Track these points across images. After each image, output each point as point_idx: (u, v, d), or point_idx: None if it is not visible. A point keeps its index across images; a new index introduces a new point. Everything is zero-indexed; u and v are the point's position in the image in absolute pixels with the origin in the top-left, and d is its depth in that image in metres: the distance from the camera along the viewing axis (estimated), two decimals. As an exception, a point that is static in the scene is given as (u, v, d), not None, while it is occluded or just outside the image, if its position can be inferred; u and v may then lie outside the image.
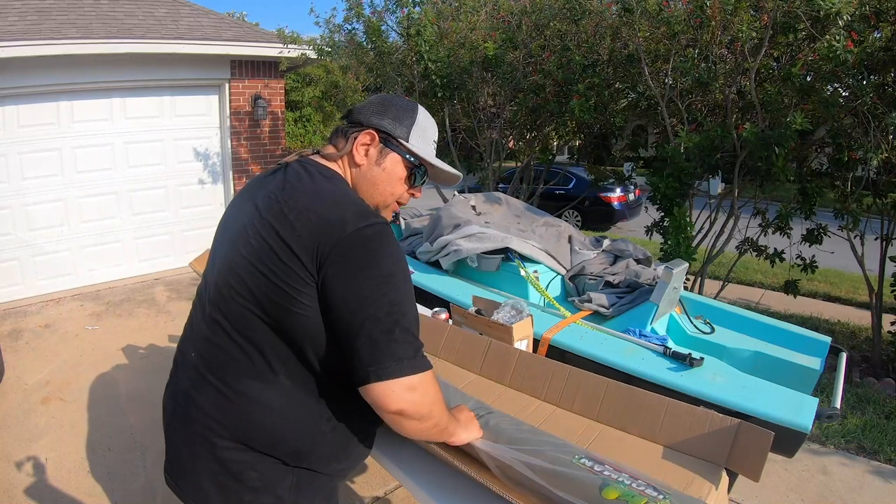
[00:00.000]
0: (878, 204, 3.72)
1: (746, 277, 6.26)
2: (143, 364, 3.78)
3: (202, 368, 1.06)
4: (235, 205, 1.16)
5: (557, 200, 8.72)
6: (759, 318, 2.62)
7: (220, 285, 1.06)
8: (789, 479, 2.67)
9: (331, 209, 0.99)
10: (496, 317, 1.97)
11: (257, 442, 1.02)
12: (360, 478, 2.57)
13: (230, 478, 1.03)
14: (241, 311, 1.01)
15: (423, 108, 1.19)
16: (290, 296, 0.96)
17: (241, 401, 1.02)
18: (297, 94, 14.86)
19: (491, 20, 4.95)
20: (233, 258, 1.04)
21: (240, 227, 1.06)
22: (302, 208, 0.99)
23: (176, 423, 1.10)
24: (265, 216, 1.01)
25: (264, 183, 1.11)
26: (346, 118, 1.19)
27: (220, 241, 1.14)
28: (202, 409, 1.04)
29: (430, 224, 3.18)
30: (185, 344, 1.15)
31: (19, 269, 4.96)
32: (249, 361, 1.02)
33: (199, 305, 1.14)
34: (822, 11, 2.94)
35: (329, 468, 1.11)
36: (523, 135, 5.44)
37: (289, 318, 0.98)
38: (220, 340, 1.04)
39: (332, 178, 1.09)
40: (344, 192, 1.07)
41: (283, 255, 0.96)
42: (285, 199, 1.02)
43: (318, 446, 1.06)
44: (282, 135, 6.34)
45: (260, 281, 0.98)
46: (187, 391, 1.07)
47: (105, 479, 2.58)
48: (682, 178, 3.63)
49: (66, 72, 4.76)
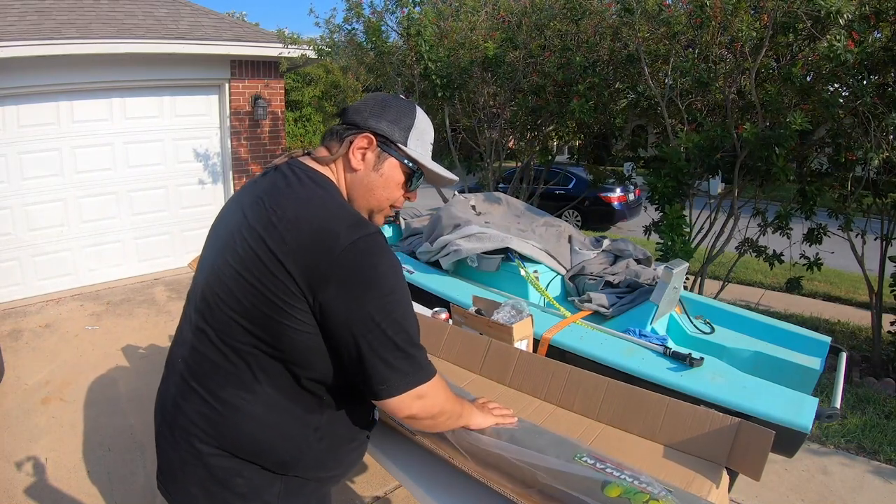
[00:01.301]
0: (878, 204, 3.72)
1: (746, 277, 6.26)
2: (143, 364, 3.78)
3: (187, 376, 1.04)
4: (226, 210, 1.14)
5: (557, 200, 8.72)
6: (759, 318, 2.62)
7: (207, 293, 1.03)
8: (789, 479, 2.67)
9: (322, 220, 0.96)
10: (496, 317, 1.97)
11: (242, 450, 1.01)
12: (360, 478, 2.57)
13: (217, 484, 1.02)
14: (227, 321, 0.99)
15: (420, 110, 1.15)
16: (280, 309, 0.94)
17: (226, 410, 1.00)
18: (298, 94, 14.87)
19: (491, 20, 4.95)
20: (220, 266, 1.01)
21: (227, 235, 1.03)
22: (292, 217, 0.96)
23: (164, 430, 1.08)
24: (253, 224, 0.98)
25: (254, 188, 1.09)
26: (340, 118, 1.14)
27: (209, 248, 1.11)
28: (188, 417, 1.03)
29: (430, 224, 3.18)
30: (174, 349, 1.13)
31: (19, 269, 4.96)
32: (234, 370, 1.00)
33: (187, 312, 1.12)
34: (823, 11, 2.93)
35: (318, 476, 1.09)
36: (523, 135, 5.45)
37: (278, 330, 0.96)
38: (206, 349, 1.02)
39: (321, 183, 1.04)
40: (334, 199, 1.03)
41: (272, 266, 0.94)
42: (273, 206, 0.99)
43: (304, 456, 1.05)
44: (282, 135, 6.34)
45: (247, 290, 0.96)
46: (174, 398, 1.06)
47: (105, 479, 2.58)
48: (679, 177, 3.63)
49: (65, 72, 4.76)
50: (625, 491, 1.01)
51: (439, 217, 3.10)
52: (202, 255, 1.14)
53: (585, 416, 1.47)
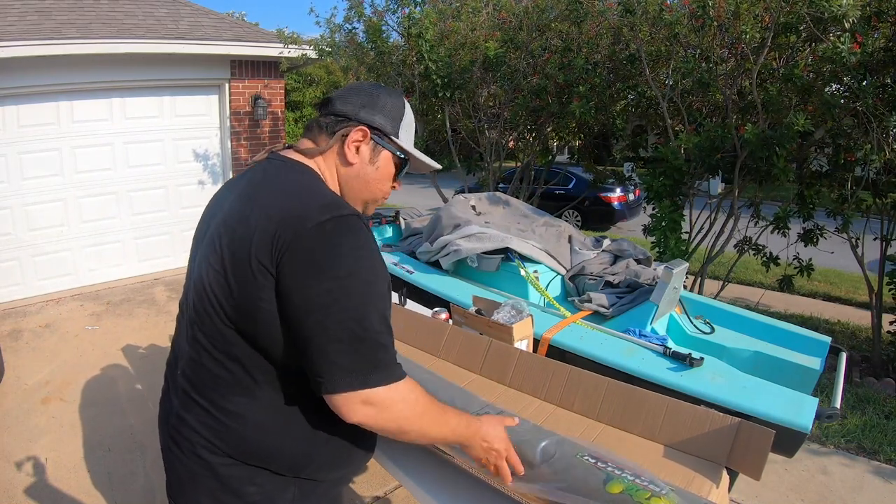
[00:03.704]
0: (878, 204, 3.72)
1: (746, 277, 6.26)
2: (143, 364, 3.78)
3: (188, 388, 1.03)
4: (209, 210, 1.12)
5: (557, 200, 8.72)
6: (759, 318, 2.62)
7: (195, 302, 1.01)
8: (789, 479, 2.67)
9: (293, 203, 0.93)
10: (496, 317, 1.97)
11: (252, 458, 1.00)
12: (361, 478, 2.57)
13: (230, 493, 1.00)
14: (216, 326, 0.97)
15: (405, 99, 1.14)
16: (254, 296, 0.91)
17: (230, 419, 0.99)
18: (298, 94, 14.90)
19: (492, 20, 4.95)
20: (204, 271, 0.99)
21: (210, 238, 1.01)
22: (265, 206, 0.94)
23: (170, 444, 1.07)
24: (229, 222, 0.97)
25: (232, 186, 1.07)
26: (325, 109, 1.09)
27: (193, 254, 1.09)
28: (194, 430, 1.01)
29: (430, 224, 3.18)
30: (172, 361, 1.11)
31: (19, 269, 4.96)
32: (233, 378, 0.98)
33: (181, 324, 1.10)
34: (828, 13, 2.93)
35: (330, 476, 1.07)
36: (523, 135, 5.45)
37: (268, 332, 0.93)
38: (203, 359, 1.00)
39: (299, 170, 1.02)
40: (311, 184, 1.00)
41: (247, 258, 0.90)
42: (248, 199, 0.98)
43: (316, 456, 1.03)
44: (282, 135, 6.34)
45: (225, 289, 0.94)
46: (178, 412, 1.04)
47: (105, 480, 2.58)
48: (675, 176, 3.64)
49: (65, 72, 4.76)
50: (626, 487, 1.01)
51: (439, 217, 3.10)
52: (188, 263, 1.11)
53: (585, 416, 1.47)
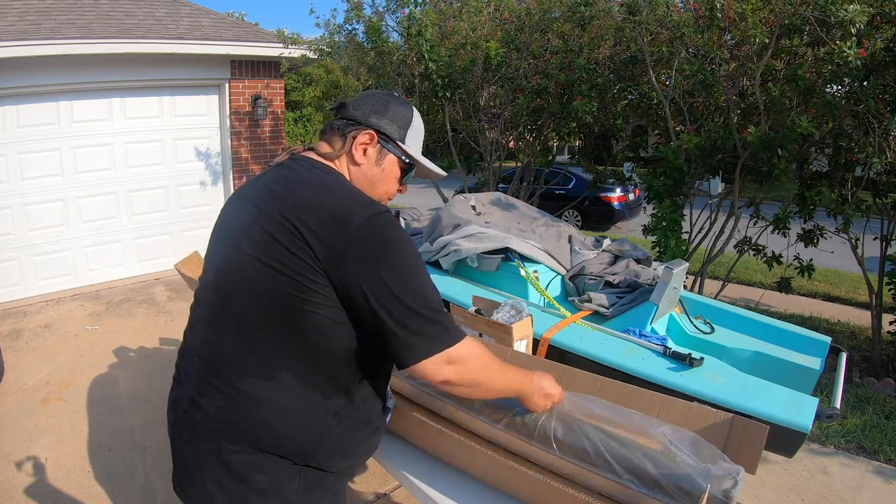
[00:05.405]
0: (878, 204, 3.72)
1: (746, 277, 6.26)
2: (143, 364, 3.78)
3: (205, 371, 1.06)
4: (229, 208, 1.17)
5: (557, 200, 8.72)
6: (759, 318, 2.62)
7: (222, 286, 1.06)
8: (789, 479, 2.67)
9: (337, 201, 1.01)
10: (496, 317, 1.97)
11: (263, 442, 1.02)
12: (361, 478, 2.57)
13: (236, 480, 1.02)
14: (245, 310, 1.01)
15: (415, 109, 1.24)
16: (305, 287, 0.97)
17: (246, 400, 1.02)
18: (298, 94, 14.90)
19: (493, 21, 4.95)
20: (238, 258, 1.03)
21: (241, 227, 1.06)
22: (308, 201, 1.00)
23: (181, 429, 1.09)
24: (269, 212, 1.01)
25: (259, 182, 1.13)
26: (339, 113, 1.19)
27: (219, 245, 1.13)
28: (207, 413, 1.04)
29: (430, 224, 3.18)
30: (186, 351, 1.14)
31: (19, 269, 4.96)
32: (253, 359, 1.02)
33: (199, 310, 1.13)
34: (834, 18, 2.92)
35: (337, 465, 1.10)
36: (524, 135, 5.44)
37: (302, 311, 0.98)
38: (223, 341, 1.04)
39: (329, 171, 1.11)
40: (344, 184, 1.10)
41: (294, 247, 0.97)
42: (287, 193, 1.03)
43: (324, 443, 1.06)
44: (282, 135, 6.34)
45: (268, 277, 0.98)
46: (191, 396, 1.07)
47: (105, 480, 2.58)
48: (676, 176, 3.63)
49: (65, 72, 4.76)
50: None
51: (439, 217, 3.10)
52: (208, 255, 1.16)
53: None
